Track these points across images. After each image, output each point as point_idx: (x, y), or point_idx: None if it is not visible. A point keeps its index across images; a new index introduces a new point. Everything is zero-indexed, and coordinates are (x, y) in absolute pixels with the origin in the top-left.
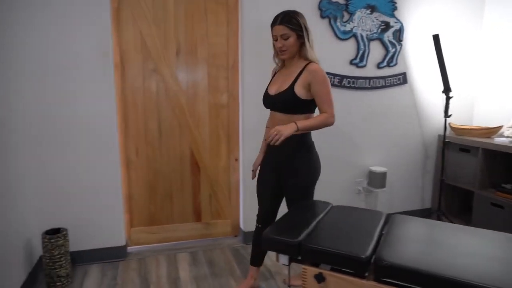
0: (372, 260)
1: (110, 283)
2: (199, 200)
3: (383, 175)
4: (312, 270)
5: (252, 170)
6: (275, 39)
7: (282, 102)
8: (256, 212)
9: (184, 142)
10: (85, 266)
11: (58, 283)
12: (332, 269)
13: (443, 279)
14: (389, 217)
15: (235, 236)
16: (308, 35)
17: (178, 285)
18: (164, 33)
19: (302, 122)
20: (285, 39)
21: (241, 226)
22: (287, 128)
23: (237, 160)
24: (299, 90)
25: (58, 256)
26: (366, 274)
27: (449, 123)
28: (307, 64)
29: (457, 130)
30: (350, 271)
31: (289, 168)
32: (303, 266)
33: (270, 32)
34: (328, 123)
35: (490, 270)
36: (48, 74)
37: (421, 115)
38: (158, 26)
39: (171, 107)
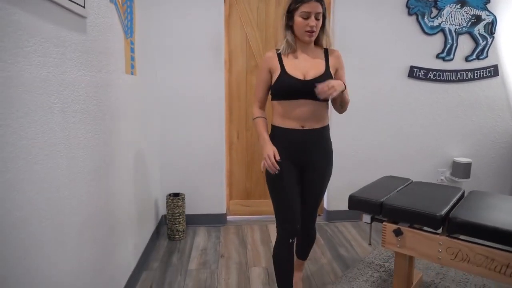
0: (446, 220)
1: (215, 241)
2: None
3: (468, 165)
4: (391, 226)
5: (277, 161)
6: (306, 16)
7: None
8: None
9: None
10: (195, 227)
11: (176, 236)
12: (410, 227)
13: (505, 232)
14: (465, 192)
15: (319, 215)
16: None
17: (270, 247)
18: (265, 35)
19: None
20: (317, 19)
21: (325, 205)
22: (339, 84)
23: None
24: (332, 75)
25: (178, 214)
26: (440, 231)
27: None
28: (327, 49)
29: None
30: (426, 228)
31: (323, 159)
32: (383, 223)
33: (292, 11)
34: (348, 103)
35: None
36: (173, 63)
37: None
38: (260, 29)
39: (269, 99)
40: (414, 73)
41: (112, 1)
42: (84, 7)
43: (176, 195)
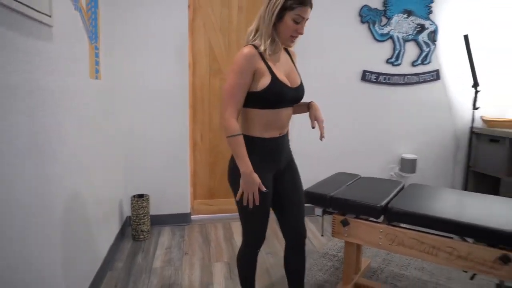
0: (386, 210)
1: (180, 240)
2: None
3: (413, 161)
4: (339, 217)
5: (264, 191)
6: (299, 20)
7: (303, 94)
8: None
9: None
10: (160, 227)
11: (141, 236)
12: (356, 218)
13: (432, 218)
14: (405, 185)
15: None
16: None
17: (233, 243)
18: (228, 39)
19: None
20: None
21: None
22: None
23: None
24: None
25: (142, 215)
26: (381, 220)
27: (481, 116)
28: (286, 49)
29: (489, 123)
30: (368, 217)
31: (292, 157)
32: (333, 215)
33: (285, 9)
34: None
35: (470, 214)
36: (137, 66)
37: (454, 109)
38: (223, 34)
39: None
40: (366, 76)
41: (76, 9)
42: (50, 16)
43: (140, 196)
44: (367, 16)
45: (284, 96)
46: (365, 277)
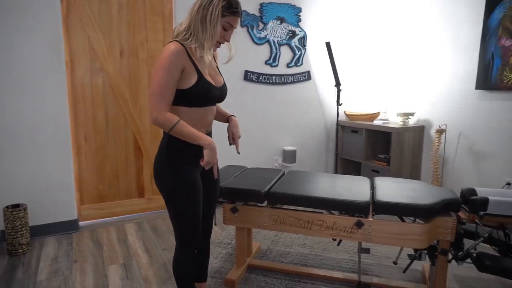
0: (269, 195)
1: (68, 248)
2: (142, 179)
3: (294, 152)
4: (228, 205)
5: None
6: (227, 28)
7: (226, 94)
8: None
9: (128, 130)
10: (42, 238)
11: (19, 250)
12: (244, 204)
13: (306, 198)
14: (285, 172)
15: None
16: None
17: (127, 244)
18: (109, 38)
19: None
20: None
21: None
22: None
23: None
24: None
25: (20, 227)
26: (264, 204)
27: (344, 111)
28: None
29: (350, 116)
30: (255, 203)
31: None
32: (222, 204)
33: (220, 17)
34: None
35: (335, 192)
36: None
37: (323, 105)
38: (103, 32)
39: (116, 100)
40: (248, 76)
41: None
42: None
43: (16, 206)
44: (245, 20)
45: (211, 94)
46: (256, 259)
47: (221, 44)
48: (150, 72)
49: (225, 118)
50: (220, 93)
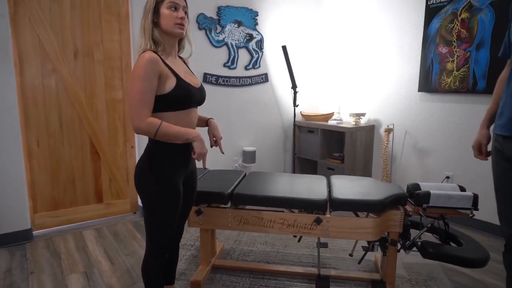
0: (232, 196)
1: (22, 260)
2: (100, 183)
3: (253, 153)
4: (193, 208)
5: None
6: (174, 7)
7: (205, 95)
8: None
9: (84, 133)
10: None
11: None
12: (208, 206)
13: (268, 198)
14: (246, 173)
15: (134, 212)
16: None
17: (87, 251)
18: (62, 38)
19: None
20: (185, 13)
21: (139, 203)
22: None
23: (133, 147)
24: None
25: None
26: (228, 205)
27: (301, 112)
28: (179, 56)
29: (306, 117)
30: (219, 204)
31: (195, 174)
32: None
33: (158, 3)
34: None
35: (295, 191)
36: None
37: (281, 106)
38: (55, 31)
39: (71, 103)
40: (207, 78)
41: None
42: None
43: None
44: (203, 23)
45: (192, 95)
46: (220, 259)
47: (184, 28)
48: (107, 74)
49: (204, 122)
50: (200, 94)
